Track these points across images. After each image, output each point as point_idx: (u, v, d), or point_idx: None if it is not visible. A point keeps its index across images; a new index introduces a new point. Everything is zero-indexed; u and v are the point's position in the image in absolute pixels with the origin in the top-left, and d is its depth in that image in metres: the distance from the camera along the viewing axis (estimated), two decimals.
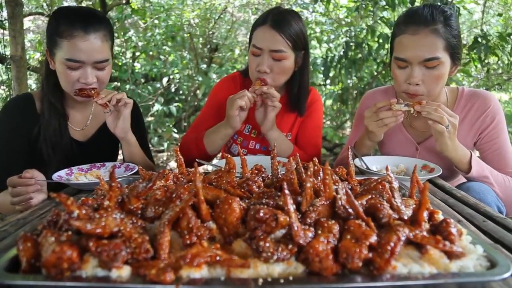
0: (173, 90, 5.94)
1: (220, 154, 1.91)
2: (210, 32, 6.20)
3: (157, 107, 5.33)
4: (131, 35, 5.53)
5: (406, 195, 1.03)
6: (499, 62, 4.86)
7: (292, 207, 0.72)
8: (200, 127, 1.89)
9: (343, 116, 6.35)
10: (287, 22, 1.70)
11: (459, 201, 1.25)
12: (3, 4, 3.35)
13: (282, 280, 0.64)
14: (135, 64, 6.09)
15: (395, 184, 0.91)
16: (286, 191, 0.73)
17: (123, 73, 5.19)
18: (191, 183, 0.93)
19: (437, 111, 1.40)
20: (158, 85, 5.83)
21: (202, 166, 1.79)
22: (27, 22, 5.99)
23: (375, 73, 4.70)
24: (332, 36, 5.36)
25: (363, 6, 4.11)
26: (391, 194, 0.87)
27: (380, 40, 4.02)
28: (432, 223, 0.79)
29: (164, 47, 5.98)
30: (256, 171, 1.16)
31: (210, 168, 1.79)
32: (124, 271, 0.65)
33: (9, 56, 3.43)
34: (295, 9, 5.56)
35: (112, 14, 5.37)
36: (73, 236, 0.70)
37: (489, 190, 1.46)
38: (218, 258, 0.65)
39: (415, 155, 1.75)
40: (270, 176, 1.08)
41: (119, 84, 5.37)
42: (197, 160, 1.62)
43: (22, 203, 1.26)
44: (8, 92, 4.59)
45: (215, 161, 1.77)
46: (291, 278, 0.64)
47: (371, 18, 4.42)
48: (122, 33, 5.28)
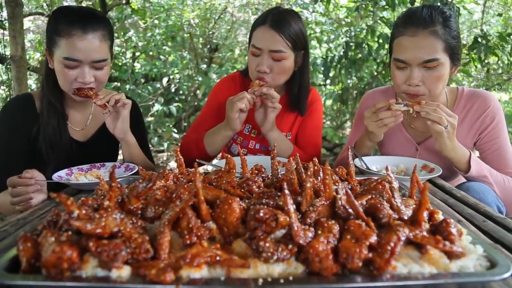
0: (173, 90, 5.94)
1: (220, 154, 1.91)
2: (210, 32, 6.20)
3: (157, 107, 5.33)
4: (131, 35, 5.53)
5: (406, 195, 1.03)
6: (499, 62, 4.86)
7: (292, 207, 0.72)
8: (200, 127, 1.89)
9: (343, 116, 6.34)
10: (286, 22, 1.69)
11: (459, 201, 1.25)
12: (3, 4, 3.35)
13: (282, 280, 0.64)
14: (135, 64, 6.09)
15: (395, 184, 0.91)
16: (286, 191, 0.73)
17: (123, 73, 5.19)
18: (191, 183, 0.93)
19: (436, 111, 1.40)
20: (158, 85, 5.83)
21: (202, 166, 1.79)
22: (27, 22, 5.99)
23: (375, 73, 4.70)
24: (332, 36, 5.36)
25: (363, 6, 4.11)
26: (391, 194, 0.87)
27: (380, 40, 4.03)
28: (432, 223, 0.79)
29: (164, 47, 5.98)
30: (256, 171, 1.16)
31: (210, 168, 1.79)
32: (124, 271, 0.65)
33: (9, 56, 3.43)
34: (295, 9, 5.56)
35: (112, 14, 5.37)
36: (73, 236, 0.70)
37: (489, 190, 1.46)
38: (218, 258, 0.65)
39: (415, 155, 1.75)
40: (270, 176, 1.08)
41: (119, 84, 5.37)
42: (197, 160, 1.62)
43: (22, 203, 1.26)
44: (8, 92, 4.58)
45: (215, 161, 1.77)
46: (291, 278, 0.64)
47: (371, 18, 4.43)
48: (122, 33, 5.28)
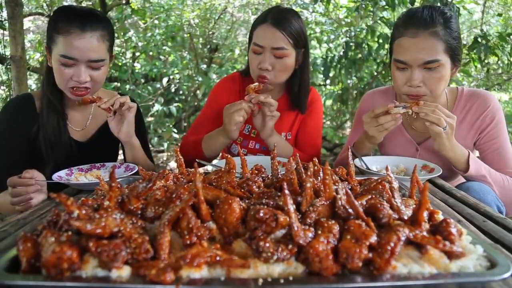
0: (173, 90, 5.94)
1: (220, 154, 1.91)
2: (210, 32, 6.20)
3: (157, 107, 5.33)
4: (131, 35, 5.53)
5: (406, 195, 1.03)
6: (499, 62, 4.86)
7: (292, 207, 0.72)
8: (200, 128, 1.89)
9: (343, 116, 6.34)
10: (287, 20, 1.70)
11: (459, 201, 1.25)
12: (3, 4, 3.35)
13: (282, 280, 0.64)
14: (135, 64, 6.09)
15: (395, 184, 0.91)
16: (286, 191, 0.73)
17: (123, 73, 5.19)
18: (191, 183, 0.93)
19: (434, 112, 1.40)
20: (158, 85, 5.83)
21: (202, 167, 1.79)
22: (27, 23, 5.99)
23: (375, 73, 4.70)
24: (332, 36, 5.36)
25: (363, 6, 4.11)
26: (391, 194, 0.87)
27: (380, 40, 4.03)
28: (432, 223, 0.79)
29: (164, 47, 5.98)
30: (256, 171, 1.16)
31: (210, 168, 1.79)
32: (124, 271, 0.65)
33: (9, 56, 3.43)
34: (295, 9, 5.56)
35: (112, 14, 5.37)
36: (73, 236, 0.70)
37: (489, 190, 1.46)
38: (218, 258, 0.65)
39: (415, 155, 1.74)
40: (270, 176, 1.08)
41: (119, 84, 5.37)
42: (197, 160, 1.62)
43: (22, 203, 1.26)
44: (8, 93, 4.58)
45: (215, 161, 1.77)
46: (291, 278, 0.64)
47: (371, 18, 4.43)
48: (122, 33, 5.28)
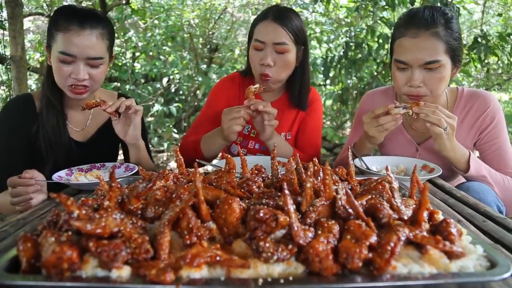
0: (173, 90, 5.94)
1: (220, 154, 1.91)
2: (210, 32, 6.20)
3: (157, 107, 5.33)
4: (131, 36, 5.53)
5: (406, 195, 1.03)
6: (499, 62, 4.86)
7: (292, 207, 0.72)
8: (200, 128, 1.89)
9: (343, 116, 6.34)
10: (287, 17, 1.73)
11: (459, 201, 1.25)
12: (3, 4, 3.35)
13: (282, 280, 0.64)
14: (135, 64, 6.09)
15: (395, 184, 0.91)
16: (286, 191, 0.73)
17: (123, 73, 5.19)
18: (191, 183, 0.93)
19: (435, 113, 1.40)
20: (158, 85, 5.83)
21: (202, 167, 1.79)
22: (27, 23, 5.99)
23: (375, 73, 4.70)
24: (332, 36, 5.36)
25: (363, 6, 4.11)
26: (391, 194, 0.87)
27: (380, 40, 4.03)
28: (432, 223, 0.79)
29: (164, 48, 5.98)
30: (256, 171, 1.16)
31: (210, 168, 1.79)
32: (124, 271, 0.65)
33: (9, 56, 3.43)
34: (295, 9, 5.56)
35: (112, 14, 5.37)
36: (73, 236, 0.70)
37: (489, 190, 1.46)
38: (218, 258, 0.65)
39: (415, 155, 1.74)
40: (270, 176, 1.08)
41: (119, 84, 5.37)
42: (197, 160, 1.62)
43: (22, 203, 1.26)
44: (8, 93, 4.58)
45: (215, 161, 1.77)
46: (291, 278, 0.64)
47: (371, 18, 4.43)
48: (122, 33, 5.28)
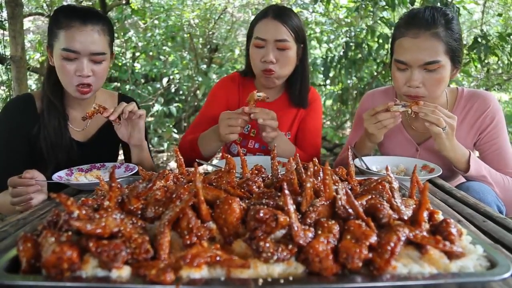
0: (173, 90, 5.94)
1: (220, 154, 1.91)
2: (210, 33, 6.20)
3: (157, 107, 5.33)
4: (131, 36, 5.53)
5: (406, 195, 1.03)
6: (499, 62, 4.86)
7: (292, 207, 0.72)
8: (198, 128, 1.89)
9: (343, 116, 6.34)
10: (287, 15, 1.76)
11: (459, 201, 1.25)
12: (3, 4, 3.35)
13: (282, 280, 0.64)
14: (135, 64, 6.08)
15: (395, 184, 0.91)
16: (286, 191, 0.73)
17: (123, 73, 5.19)
18: (191, 183, 0.93)
19: (434, 112, 1.40)
20: (158, 85, 5.83)
21: (201, 166, 1.79)
22: (27, 23, 5.99)
23: (375, 73, 4.70)
24: (332, 36, 5.36)
25: (363, 6, 4.11)
26: (391, 194, 0.87)
27: (380, 40, 4.03)
28: (432, 223, 0.79)
29: (164, 48, 5.98)
30: (256, 171, 1.16)
31: (210, 168, 1.79)
32: (124, 272, 0.65)
33: (9, 56, 3.43)
34: (295, 9, 5.56)
35: (112, 14, 5.37)
36: (73, 236, 0.70)
37: (489, 190, 1.46)
38: (218, 258, 0.65)
39: (415, 155, 1.74)
40: (270, 176, 1.08)
41: (119, 84, 5.37)
42: (197, 160, 1.62)
43: (22, 203, 1.26)
44: (8, 93, 4.58)
45: (215, 161, 1.78)
46: (291, 278, 0.64)
47: (371, 18, 4.42)
48: (122, 33, 5.28)
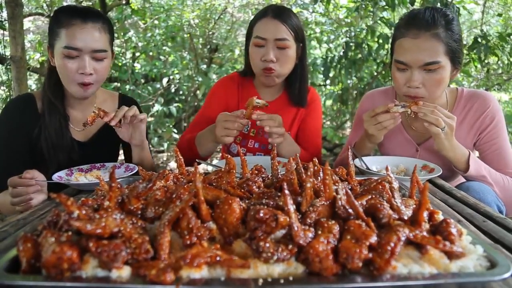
0: (173, 90, 5.94)
1: (220, 154, 1.91)
2: (210, 33, 6.20)
3: (157, 107, 5.33)
4: (131, 36, 5.53)
5: (406, 195, 1.03)
6: (499, 62, 4.86)
7: (292, 207, 0.72)
8: (197, 127, 1.89)
9: (343, 116, 6.35)
10: (287, 14, 1.77)
11: (459, 201, 1.25)
12: (3, 4, 3.35)
13: (282, 281, 0.64)
14: (135, 64, 6.08)
15: (395, 184, 0.91)
16: (286, 191, 0.73)
17: (123, 73, 5.19)
18: (191, 184, 0.93)
19: (433, 113, 1.40)
20: (158, 85, 5.83)
21: (201, 165, 1.79)
22: (27, 23, 5.99)
23: (375, 73, 4.70)
24: (332, 37, 5.36)
25: (363, 6, 4.11)
26: (391, 194, 0.87)
27: (380, 40, 4.03)
28: (432, 223, 0.79)
29: (164, 48, 5.98)
30: (256, 172, 1.16)
31: (210, 168, 1.79)
32: (124, 272, 0.65)
33: (9, 56, 3.43)
34: (295, 9, 5.56)
35: (112, 14, 5.37)
36: (73, 236, 0.70)
37: (489, 190, 1.46)
38: (218, 258, 0.65)
39: (415, 156, 1.74)
40: (270, 176, 1.08)
41: (119, 85, 5.37)
42: (197, 160, 1.62)
43: (22, 203, 1.26)
44: (8, 93, 4.58)
45: (215, 161, 1.78)
46: (291, 279, 0.64)
47: (371, 18, 4.42)
48: (122, 33, 5.28)
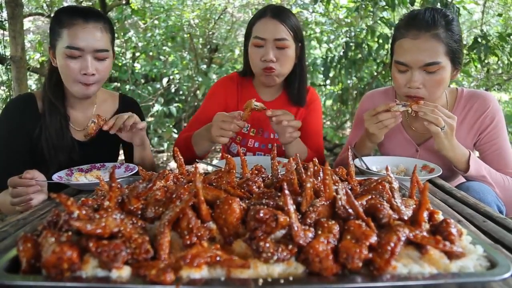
0: (173, 90, 5.94)
1: (220, 154, 1.91)
2: (210, 33, 6.20)
3: (157, 107, 5.34)
4: (131, 36, 5.53)
5: (406, 195, 1.03)
6: (499, 62, 4.86)
7: (292, 208, 0.72)
8: (195, 126, 1.89)
9: (343, 116, 6.35)
10: (286, 14, 1.77)
11: (459, 201, 1.25)
12: (3, 4, 3.35)
13: (282, 281, 0.64)
14: (135, 64, 6.08)
15: (395, 185, 0.91)
16: (286, 192, 0.73)
17: (123, 73, 5.19)
18: (191, 184, 0.93)
19: (433, 112, 1.40)
20: (158, 85, 5.83)
21: (199, 163, 1.79)
22: (27, 23, 5.99)
23: (375, 73, 4.70)
24: (332, 37, 5.36)
25: (363, 6, 4.10)
26: (391, 194, 0.87)
27: (380, 40, 4.03)
28: (432, 223, 0.79)
29: (164, 48, 5.98)
30: (256, 172, 1.16)
31: (210, 168, 1.80)
32: (124, 272, 0.65)
33: (9, 56, 3.43)
34: (295, 9, 5.57)
35: (112, 14, 5.37)
36: (73, 236, 0.70)
37: (489, 190, 1.46)
38: (218, 258, 0.65)
39: (415, 156, 1.74)
40: (270, 176, 1.08)
41: (119, 85, 5.37)
42: (197, 160, 1.62)
43: (22, 204, 1.26)
44: (8, 93, 4.58)
45: (215, 161, 1.78)
46: (291, 279, 0.64)
47: (371, 18, 4.42)
48: (122, 33, 5.28)
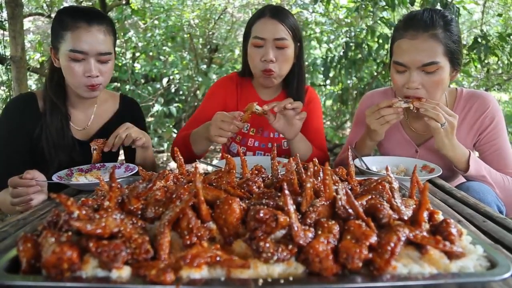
0: (173, 90, 5.94)
1: (220, 154, 1.91)
2: (210, 33, 6.20)
3: (157, 107, 5.34)
4: (131, 36, 5.53)
5: (406, 195, 1.03)
6: (499, 62, 4.86)
7: (292, 208, 0.72)
8: (194, 125, 1.89)
9: (343, 116, 6.35)
10: (284, 14, 1.77)
11: (459, 201, 1.25)
12: (3, 5, 3.35)
13: (282, 281, 0.64)
14: (135, 64, 6.08)
15: (395, 185, 0.91)
16: (286, 192, 0.73)
17: (123, 73, 5.19)
18: (191, 184, 0.93)
19: (434, 109, 1.41)
20: (158, 85, 5.83)
21: (199, 163, 1.80)
22: (27, 23, 5.99)
23: (375, 73, 4.70)
24: (332, 37, 5.36)
25: (363, 6, 4.10)
26: (391, 194, 0.87)
27: (380, 41, 4.03)
28: (432, 224, 0.79)
29: (164, 48, 5.98)
30: (256, 172, 1.16)
31: (210, 168, 1.80)
32: (124, 272, 0.65)
33: (9, 56, 3.43)
34: (295, 9, 5.57)
35: (112, 14, 5.37)
36: (73, 236, 0.70)
37: (489, 190, 1.46)
38: (218, 258, 0.65)
39: (415, 157, 1.74)
40: (270, 176, 1.08)
41: (119, 85, 5.37)
42: (197, 160, 1.62)
43: (22, 204, 1.26)
44: (8, 93, 4.58)
45: (215, 161, 1.78)
46: (291, 279, 0.64)
47: (371, 18, 4.42)
48: (122, 33, 5.28)
